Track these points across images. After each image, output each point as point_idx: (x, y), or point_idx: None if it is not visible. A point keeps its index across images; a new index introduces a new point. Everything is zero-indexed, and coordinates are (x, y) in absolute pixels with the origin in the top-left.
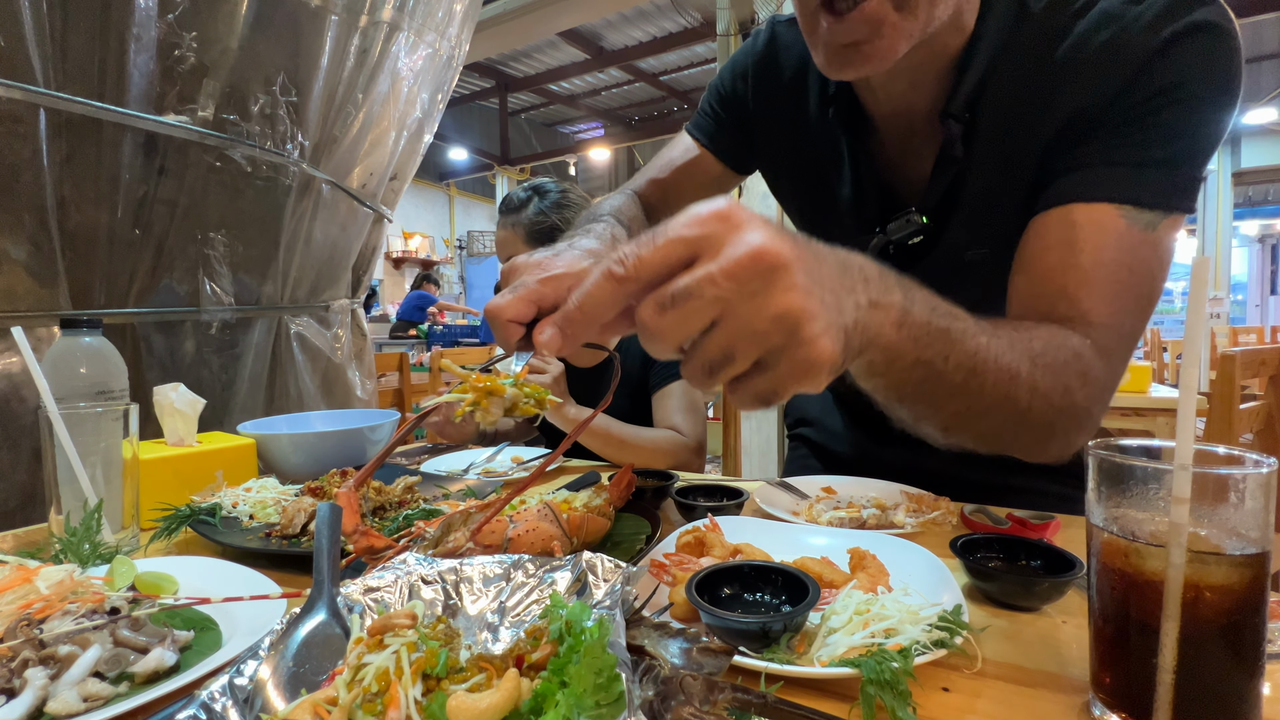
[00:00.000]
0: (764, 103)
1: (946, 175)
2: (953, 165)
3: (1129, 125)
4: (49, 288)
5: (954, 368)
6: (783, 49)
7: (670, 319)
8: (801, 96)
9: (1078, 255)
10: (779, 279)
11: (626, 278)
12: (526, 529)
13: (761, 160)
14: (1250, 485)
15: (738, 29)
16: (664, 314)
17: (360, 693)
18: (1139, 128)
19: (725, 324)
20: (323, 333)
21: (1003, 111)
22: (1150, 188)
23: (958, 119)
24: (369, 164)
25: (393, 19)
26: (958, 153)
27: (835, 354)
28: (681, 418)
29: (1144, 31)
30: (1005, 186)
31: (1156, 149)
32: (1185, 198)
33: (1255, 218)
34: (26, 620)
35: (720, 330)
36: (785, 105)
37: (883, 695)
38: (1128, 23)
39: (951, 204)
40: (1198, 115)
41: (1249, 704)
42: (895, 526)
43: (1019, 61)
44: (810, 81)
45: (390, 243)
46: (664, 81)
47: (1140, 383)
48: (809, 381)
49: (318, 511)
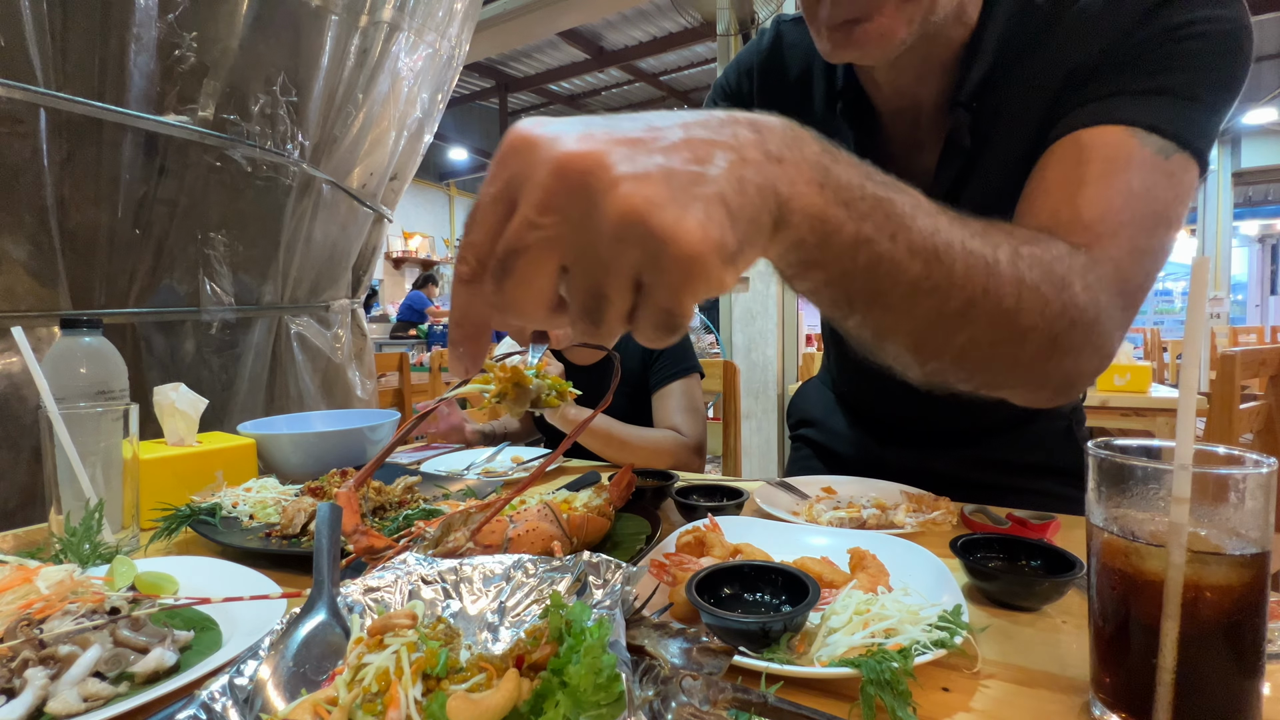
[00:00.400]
0: (769, 101)
1: (954, 165)
2: (961, 155)
3: (1135, 61)
4: (49, 288)
5: (906, 251)
6: (788, 47)
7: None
8: (807, 95)
9: (1084, 168)
10: (596, 182)
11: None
12: (526, 529)
13: None
14: (1250, 485)
15: (738, 29)
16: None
17: (360, 693)
18: (1149, 60)
19: (572, 264)
20: (323, 333)
21: (1010, 100)
22: (1162, 113)
23: (966, 108)
24: (369, 164)
25: (393, 19)
26: (966, 142)
27: (712, 233)
28: (682, 418)
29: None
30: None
31: (1164, 78)
32: (1199, 136)
33: (1255, 218)
34: (26, 620)
35: (572, 273)
36: (791, 103)
37: (883, 695)
38: None
39: (958, 192)
40: (1208, 54)
41: (1249, 704)
42: (895, 526)
43: (1024, 51)
44: (815, 79)
45: (390, 243)
46: (664, 81)
47: (1140, 383)
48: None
49: (318, 511)
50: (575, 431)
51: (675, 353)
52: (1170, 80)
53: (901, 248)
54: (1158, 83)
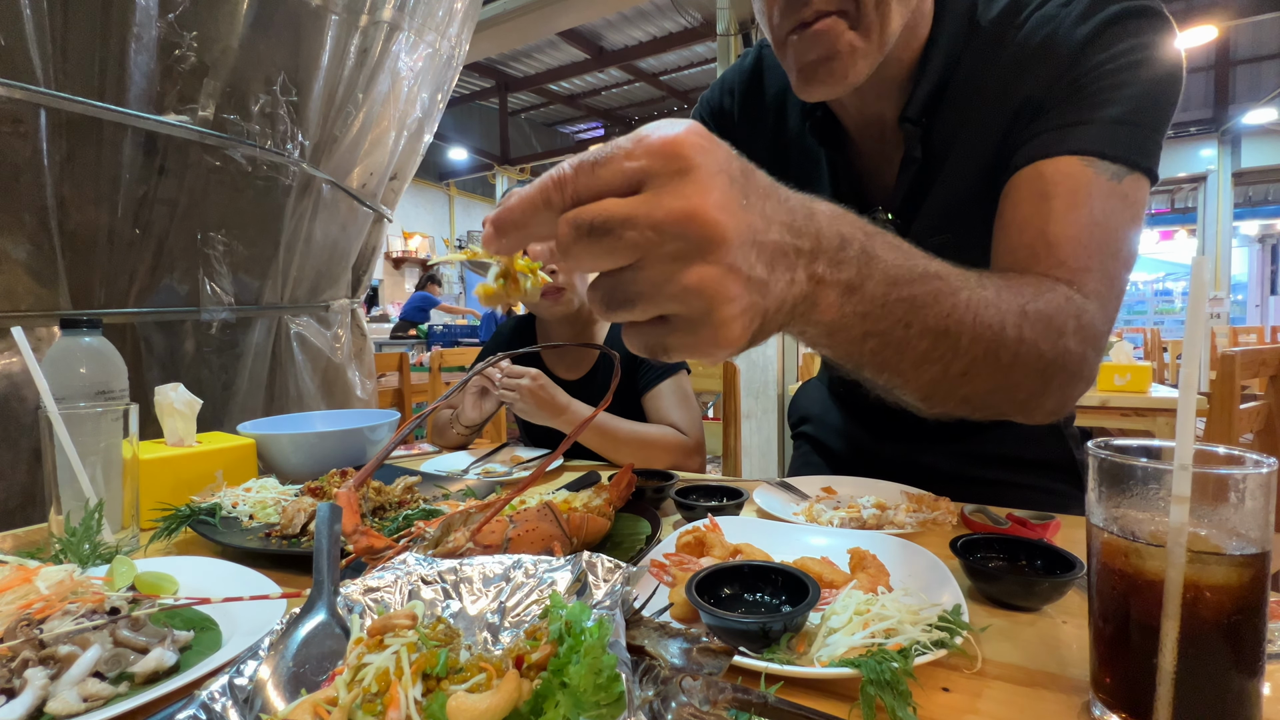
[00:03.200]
0: (748, 117)
1: (909, 174)
2: (914, 165)
3: (1077, 95)
4: (49, 288)
5: (918, 334)
6: (768, 69)
7: (584, 246)
8: (782, 114)
9: (1050, 202)
10: (707, 251)
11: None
12: (526, 529)
13: None
14: (1250, 485)
15: (738, 29)
16: (579, 239)
17: (360, 693)
18: (1087, 94)
19: (639, 271)
20: (323, 333)
21: (958, 114)
22: (1110, 140)
23: (914, 123)
24: (369, 164)
25: (393, 18)
26: (917, 154)
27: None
28: (678, 413)
29: (1076, 22)
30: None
31: (1107, 109)
32: (1146, 156)
33: (1255, 218)
34: (26, 620)
35: (631, 274)
36: (769, 122)
37: (883, 695)
38: (1061, 19)
39: (917, 201)
40: (1141, 80)
41: (1249, 704)
42: (895, 526)
43: (975, 68)
44: (790, 101)
45: (390, 243)
46: (664, 81)
47: (1140, 383)
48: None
49: (318, 511)
50: (575, 431)
51: None
52: (1111, 110)
53: (915, 332)
54: (1100, 113)
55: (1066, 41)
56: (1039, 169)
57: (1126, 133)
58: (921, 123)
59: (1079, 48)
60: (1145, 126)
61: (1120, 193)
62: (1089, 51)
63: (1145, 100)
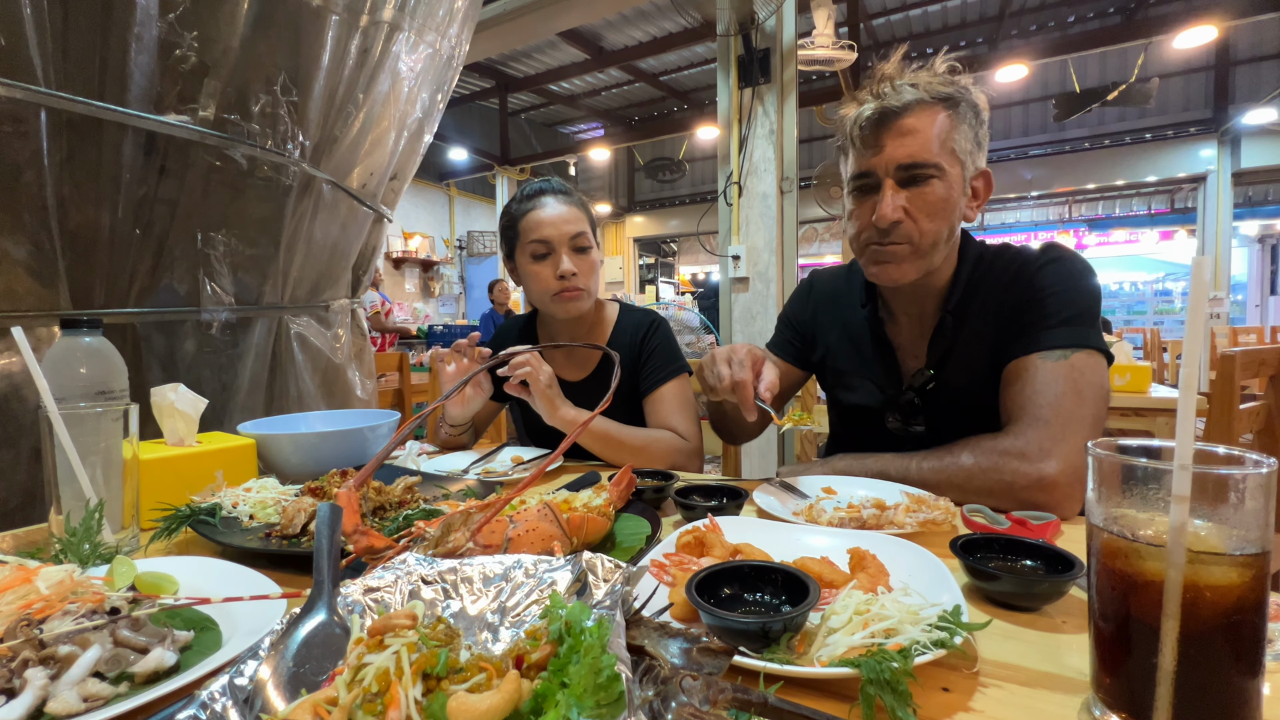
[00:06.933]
0: (822, 309)
1: (940, 346)
2: (944, 340)
3: (1033, 310)
4: (49, 288)
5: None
6: (817, 290)
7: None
8: (843, 309)
9: (1025, 385)
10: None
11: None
12: (526, 529)
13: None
14: (1250, 485)
15: (737, 29)
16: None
17: (360, 693)
18: (1039, 309)
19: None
20: (323, 333)
21: (976, 313)
22: (1052, 339)
23: (951, 314)
24: (369, 164)
25: (393, 19)
26: (948, 332)
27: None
28: (678, 418)
29: (1028, 263)
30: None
31: (1051, 318)
32: (1085, 338)
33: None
34: (26, 620)
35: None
36: (834, 314)
37: (883, 695)
38: (1022, 262)
39: (944, 362)
40: (1069, 295)
41: (1249, 704)
42: (895, 526)
43: (980, 283)
44: (847, 301)
45: (390, 243)
46: (664, 81)
47: (1140, 383)
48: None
49: (318, 511)
50: (575, 432)
51: (664, 355)
52: (1054, 318)
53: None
54: (1049, 321)
55: (1027, 275)
56: (1019, 365)
57: (1066, 330)
58: (954, 313)
59: (1032, 276)
60: (1080, 319)
61: (1069, 365)
62: (1038, 281)
63: (1075, 308)
